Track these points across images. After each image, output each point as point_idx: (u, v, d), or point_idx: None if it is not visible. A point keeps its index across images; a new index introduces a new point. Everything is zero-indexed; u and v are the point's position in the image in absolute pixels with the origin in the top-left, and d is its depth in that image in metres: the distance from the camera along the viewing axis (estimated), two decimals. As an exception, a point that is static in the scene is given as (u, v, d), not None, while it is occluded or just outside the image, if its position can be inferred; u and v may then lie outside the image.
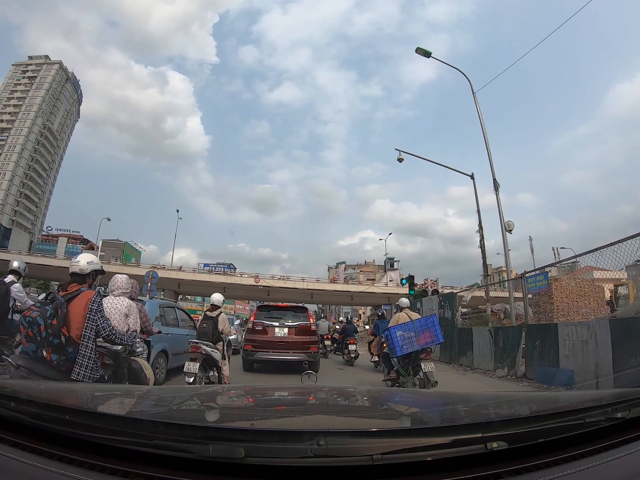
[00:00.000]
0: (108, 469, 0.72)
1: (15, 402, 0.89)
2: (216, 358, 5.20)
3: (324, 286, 44.58)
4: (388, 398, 1.72)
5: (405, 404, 1.49)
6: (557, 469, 0.74)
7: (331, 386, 3.99)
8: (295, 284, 42.35)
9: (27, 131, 71.86)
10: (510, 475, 0.73)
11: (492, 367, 8.97)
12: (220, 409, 1.32)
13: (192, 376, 4.85)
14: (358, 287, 44.95)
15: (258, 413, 1.28)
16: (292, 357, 7.80)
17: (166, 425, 0.80)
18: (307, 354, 7.86)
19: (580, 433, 0.84)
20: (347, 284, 48.89)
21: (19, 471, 0.73)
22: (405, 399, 1.66)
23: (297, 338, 8.02)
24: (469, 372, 9.48)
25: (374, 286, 45.32)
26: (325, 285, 45.29)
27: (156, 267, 39.53)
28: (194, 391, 2.03)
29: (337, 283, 50.02)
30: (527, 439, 0.80)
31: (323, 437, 0.71)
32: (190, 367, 4.90)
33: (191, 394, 1.63)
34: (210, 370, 5.22)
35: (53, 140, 79.08)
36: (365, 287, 44.63)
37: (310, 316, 8.74)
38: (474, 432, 0.78)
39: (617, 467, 0.77)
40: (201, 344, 5.06)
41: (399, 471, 0.72)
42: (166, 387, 3.90)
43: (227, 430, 0.81)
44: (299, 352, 7.86)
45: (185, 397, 1.52)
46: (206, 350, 5.03)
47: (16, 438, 0.81)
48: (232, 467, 0.70)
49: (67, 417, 0.82)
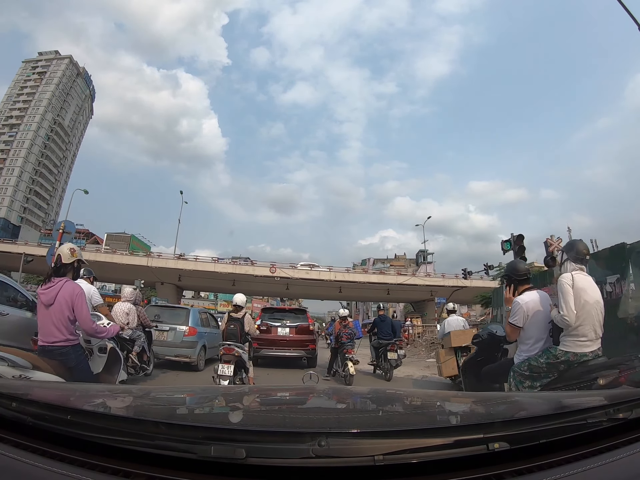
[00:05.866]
0: (110, 469, 0.72)
1: (17, 403, 0.89)
2: (245, 359, 5.19)
3: (356, 277, 36.80)
4: (390, 398, 1.71)
5: (407, 405, 1.49)
6: (559, 469, 0.74)
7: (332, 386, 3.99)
8: (321, 274, 35.15)
9: (36, 126, 70.97)
10: (512, 476, 0.73)
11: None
12: (221, 410, 1.32)
13: (227, 379, 4.78)
14: (397, 279, 36.49)
15: (259, 413, 1.28)
16: (293, 354, 8.78)
17: (168, 425, 0.80)
18: (306, 351, 8.82)
19: (583, 434, 0.84)
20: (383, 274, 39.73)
21: (20, 471, 0.73)
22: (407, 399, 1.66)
23: (297, 337, 8.93)
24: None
25: (416, 277, 37.21)
26: (357, 276, 37.22)
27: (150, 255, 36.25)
28: (195, 391, 2.02)
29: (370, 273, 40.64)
30: (529, 440, 0.79)
31: (324, 438, 0.71)
32: (225, 369, 4.83)
33: (193, 395, 1.63)
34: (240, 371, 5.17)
35: (64, 136, 78.37)
36: (406, 279, 36.49)
37: (309, 318, 9.69)
38: (475, 433, 0.78)
39: (620, 467, 0.77)
40: (234, 346, 5.04)
41: (401, 472, 0.72)
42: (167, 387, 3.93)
43: (229, 430, 0.81)
44: (299, 349, 8.81)
45: (187, 398, 1.52)
46: (239, 352, 5.02)
47: (18, 438, 0.81)
48: (233, 467, 0.70)
49: (69, 418, 0.82)
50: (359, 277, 36.96)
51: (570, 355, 2.53)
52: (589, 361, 2.50)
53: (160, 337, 7.26)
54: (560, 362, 2.57)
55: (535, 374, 2.66)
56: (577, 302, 2.53)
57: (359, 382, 7.16)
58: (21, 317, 5.52)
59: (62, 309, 2.63)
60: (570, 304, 2.52)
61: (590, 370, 2.48)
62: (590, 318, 2.55)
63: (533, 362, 2.69)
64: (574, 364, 2.53)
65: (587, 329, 2.54)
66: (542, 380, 2.64)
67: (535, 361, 2.68)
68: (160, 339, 7.22)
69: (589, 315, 2.54)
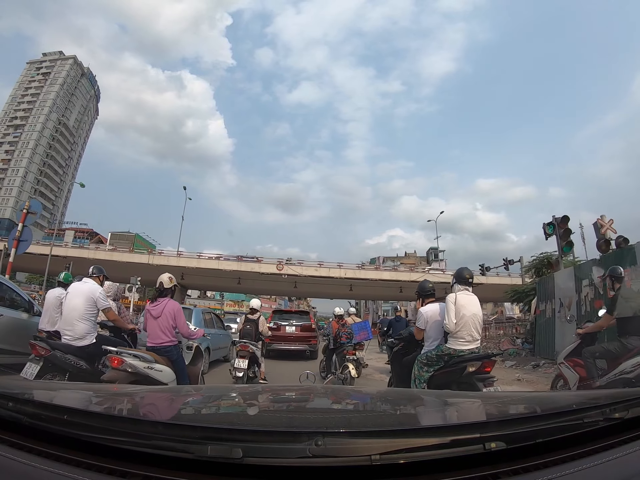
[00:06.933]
0: (106, 469, 0.72)
1: (14, 402, 0.89)
2: (258, 355, 6.13)
3: (367, 274, 35.25)
4: (386, 398, 1.72)
5: (403, 404, 1.49)
6: (555, 469, 0.74)
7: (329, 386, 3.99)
8: (330, 271, 33.84)
9: (40, 127, 70.48)
10: (508, 475, 0.73)
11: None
12: (218, 410, 1.32)
13: (241, 371, 5.69)
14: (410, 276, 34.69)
15: (256, 413, 1.28)
16: (298, 347, 10.77)
17: (165, 425, 0.80)
18: (309, 345, 10.91)
19: (579, 433, 0.84)
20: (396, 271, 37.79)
21: (17, 471, 0.72)
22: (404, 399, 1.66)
23: (302, 334, 10.99)
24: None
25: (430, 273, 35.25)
26: (369, 274, 35.49)
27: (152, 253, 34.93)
28: (192, 392, 2.02)
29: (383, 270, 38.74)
30: (526, 439, 0.80)
31: (321, 437, 0.71)
32: (240, 363, 5.72)
33: (189, 394, 1.63)
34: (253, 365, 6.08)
35: (69, 137, 77.96)
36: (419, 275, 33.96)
37: (311, 318, 12.06)
38: (472, 432, 0.78)
39: (616, 467, 0.77)
40: (249, 343, 5.95)
41: (398, 471, 0.72)
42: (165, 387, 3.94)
43: (226, 430, 0.81)
44: (303, 344, 10.87)
45: (184, 398, 1.52)
46: (253, 349, 5.94)
47: (14, 438, 0.81)
48: (230, 467, 0.70)
49: (65, 417, 0.82)
50: (370, 274, 35.59)
51: (452, 351, 3.47)
52: (464, 355, 3.44)
53: None
54: (445, 354, 3.51)
55: (430, 362, 3.59)
56: (457, 315, 3.43)
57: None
58: (16, 318, 5.32)
59: (167, 319, 3.56)
60: (451, 317, 3.43)
61: (464, 361, 3.40)
62: (467, 326, 3.45)
63: (429, 354, 3.63)
64: (454, 357, 3.47)
65: (465, 334, 3.44)
66: (435, 367, 3.56)
67: (431, 353, 3.62)
68: None
69: (466, 324, 3.44)
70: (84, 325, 3.77)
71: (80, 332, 3.75)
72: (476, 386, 3.30)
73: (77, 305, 3.81)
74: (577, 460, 0.77)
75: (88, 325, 3.81)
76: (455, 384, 3.42)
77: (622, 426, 0.88)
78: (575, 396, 1.64)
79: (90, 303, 3.84)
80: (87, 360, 3.73)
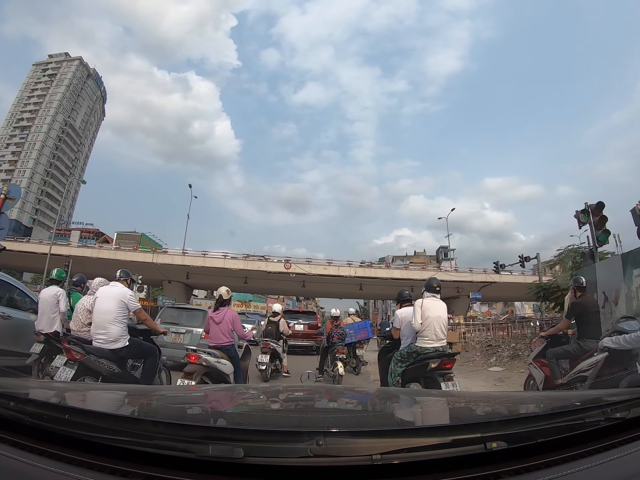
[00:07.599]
0: (108, 469, 0.72)
1: (15, 402, 0.89)
2: (279, 351, 7.47)
3: (378, 273, 34.23)
4: (387, 398, 1.72)
5: (404, 404, 1.49)
6: (556, 469, 0.74)
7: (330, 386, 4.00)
8: (340, 270, 32.93)
9: (47, 128, 70.36)
10: (509, 475, 0.73)
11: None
12: (220, 409, 1.32)
13: (264, 365, 6.88)
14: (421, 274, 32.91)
15: (258, 413, 1.28)
16: (306, 343, 12.48)
17: (166, 425, 0.80)
18: (315, 341, 12.07)
19: (580, 433, 0.84)
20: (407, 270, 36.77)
21: (18, 471, 0.73)
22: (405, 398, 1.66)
23: (308, 331, 12.67)
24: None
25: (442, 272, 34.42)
26: (379, 272, 34.57)
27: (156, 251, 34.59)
28: (194, 391, 2.03)
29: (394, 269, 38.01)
30: (527, 439, 0.80)
31: (322, 437, 0.71)
32: (263, 358, 6.91)
33: (191, 394, 1.63)
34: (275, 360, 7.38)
35: (76, 138, 77.87)
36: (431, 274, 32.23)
37: (317, 317, 14.63)
38: (473, 432, 0.78)
39: (617, 467, 0.77)
40: (270, 341, 7.23)
41: (399, 471, 0.72)
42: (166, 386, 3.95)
43: (227, 430, 0.81)
44: (310, 340, 12.45)
45: (186, 397, 1.52)
46: (273, 346, 7.21)
47: (16, 438, 0.81)
48: (231, 467, 0.70)
49: (67, 417, 0.82)
50: (381, 273, 34.52)
51: (418, 349, 3.98)
52: (429, 353, 3.91)
53: (176, 339, 7.27)
54: (414, 352, 4.02)
55: (403, 358, 4.12)
56: (423, 316, 3.96)
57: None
58: (25, 320, 5.29)
59: (227, 324, 4.46)
60: (417, 317, 3.97)
61: (428, 357, 3.89)
62: (432, 327, 3.94)
63: (402, 352, 4.17)
64: (420, 354, 3.96)
65: (430, 333, 3.94)
66: (406, 363, 4.07)
67: (404, 351, 4.15)
68: (176, 341, 7.20)
69: (430, 325, 3.94)
70: (117, 327, 3.79)
71: (114, 334, 3.76)
72: (437, 380, 3.76)
73: (110, 308, 3.81)
74: (579, 460, 0.77)
75: (121, 328, 3.83)
76: (422, 379, 3.95)
77: (623, 426, 0.88)
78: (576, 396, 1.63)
79: (122, 305, 3.86)
80: (118, 364, 3.78)
